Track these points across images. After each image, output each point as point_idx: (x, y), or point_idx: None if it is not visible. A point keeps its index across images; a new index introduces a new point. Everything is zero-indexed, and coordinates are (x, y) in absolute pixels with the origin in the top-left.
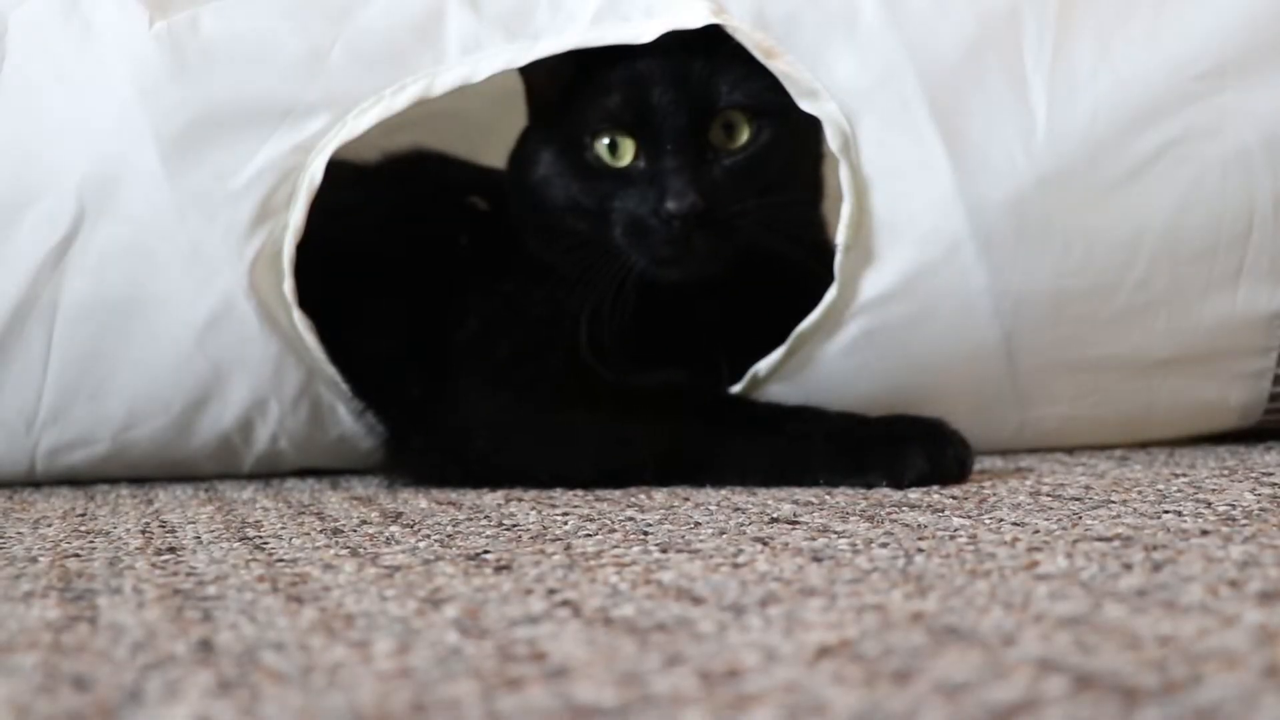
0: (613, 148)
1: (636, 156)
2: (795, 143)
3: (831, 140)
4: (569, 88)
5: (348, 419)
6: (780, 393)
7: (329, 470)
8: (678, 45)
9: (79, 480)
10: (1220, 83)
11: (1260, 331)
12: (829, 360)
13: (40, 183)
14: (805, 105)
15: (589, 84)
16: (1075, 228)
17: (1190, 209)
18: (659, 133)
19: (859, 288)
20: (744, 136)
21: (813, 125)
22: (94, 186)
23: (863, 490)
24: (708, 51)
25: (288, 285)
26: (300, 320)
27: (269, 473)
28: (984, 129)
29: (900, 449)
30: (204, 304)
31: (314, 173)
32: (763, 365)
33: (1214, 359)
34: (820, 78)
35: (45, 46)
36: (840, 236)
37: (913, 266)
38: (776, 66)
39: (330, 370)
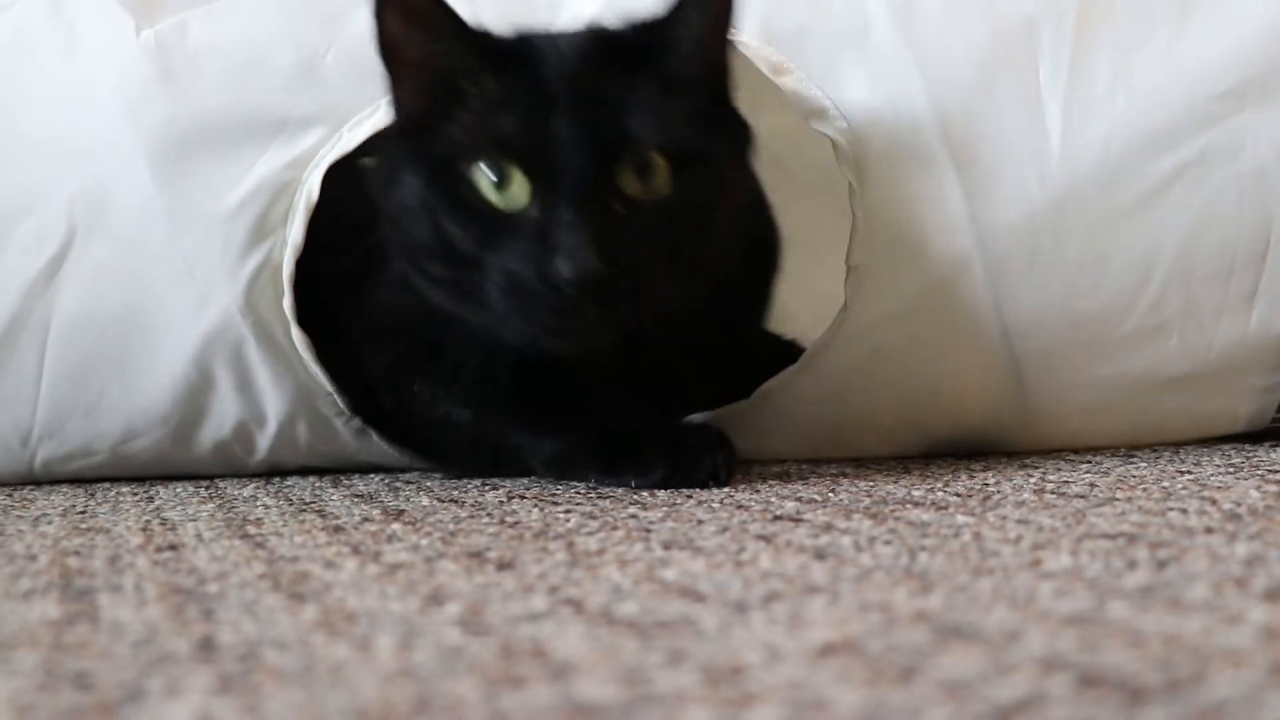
0: (499, 181)
1: (530, 199)
2: (723, 189)
3: (841, 160)
4: (451, 79)
5: (346, 434)
6: (788, 406)
7: (331, 468)
8: (594, 51)
9: (79, 479)
10: (1239, 104)
11: (1273, 351)
12: (837, 377)
13: (29, 199)
14: (814, 124)
15: (474, 87)
16: (1088, 250)
17: (1206, 231)
18: (558, 173)
19: (867, 307)
20: (661, 184)
21: (744, 161)
22: (84, 204)
23: (866, 488)
24: (627, 66)
25: (287, 301)
26: (299, 337)
27: (270, 470)
28: (996, 150)
29: (644, 452)
30: (200, 322)
31: (311, 188)
32: (772, 384)
33: (1225, 376)
34: (830, 96)
35: (30, 56)
36: (849, 256)
37: (922, 287)
38: (785, 84)
39: (326, 385)
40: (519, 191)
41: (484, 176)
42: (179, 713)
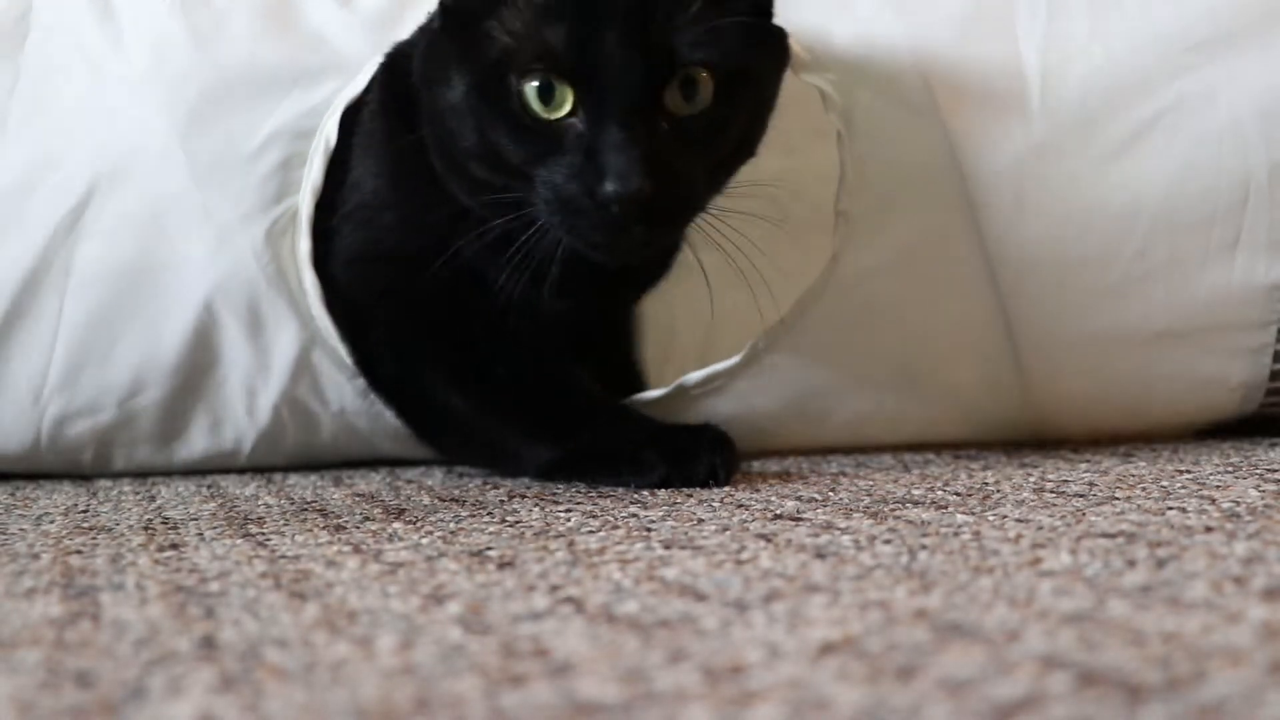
0: (545, 94)
1: (574, 111)
2: (761, 103)
3: (829, 109)
4: None
5: (349, 392)
6: (780, 363)
7: (331, 465)
8: None
9: (82, 470)
10: (1212, 54)
11: (1259, 304)
12: (827, 332)
13: (58, 151)
14: (804, 76)
15: None
16: (1072, 198)
17: (1186, 179)
18: (606, 89)
19: (856, 258)
20: (704, 99)
21: (780, 71)
22: (109, 155)
23: (866, 487)
24: None
25: (304, 246)
26: (311, 282)
27: (270, 466)
28: (979, 99)
29: (642, 452)
30: (215, 269)
31: (329, 133)
32: (761, 340)
33: (1213, 332)
34: (817, 50)
35: (69, 24)
36: (837, 202)
37: (910, 238)
38: None
39: (332, 336)
40: (566, 104)
41: (532, 90)
42: (180, 711)
